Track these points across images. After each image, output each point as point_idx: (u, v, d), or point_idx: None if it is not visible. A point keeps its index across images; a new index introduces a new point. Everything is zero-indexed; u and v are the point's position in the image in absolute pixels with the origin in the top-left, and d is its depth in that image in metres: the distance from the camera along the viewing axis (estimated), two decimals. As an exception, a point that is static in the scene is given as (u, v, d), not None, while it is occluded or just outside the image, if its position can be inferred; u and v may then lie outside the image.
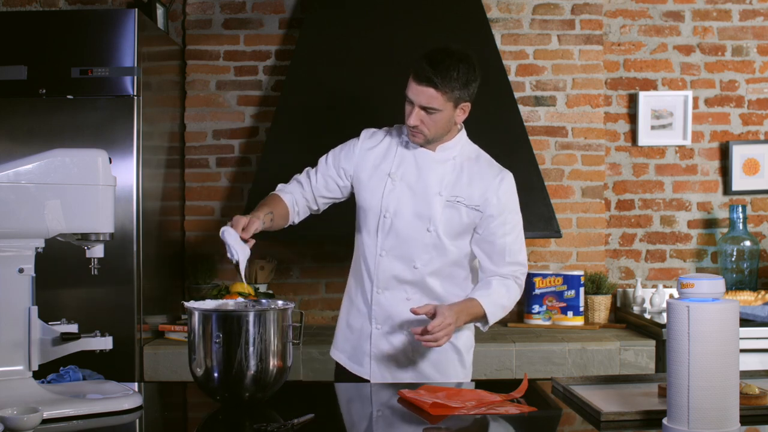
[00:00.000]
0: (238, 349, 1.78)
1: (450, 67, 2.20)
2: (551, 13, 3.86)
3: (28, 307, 1.79)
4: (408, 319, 2.30)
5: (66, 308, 3.01)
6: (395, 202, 2.30)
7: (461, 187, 2.30)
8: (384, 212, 2.31)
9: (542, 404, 1.87)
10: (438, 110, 2.21)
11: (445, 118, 2.25)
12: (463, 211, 2.28)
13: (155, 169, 3.44)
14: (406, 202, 2.30)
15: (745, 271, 3.78)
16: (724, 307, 1.51)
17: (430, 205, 2.28)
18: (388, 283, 2.32)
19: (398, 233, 2.29)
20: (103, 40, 3.15)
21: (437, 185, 2.29)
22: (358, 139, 2.44)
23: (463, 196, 2.28)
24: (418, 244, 2.29)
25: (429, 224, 2.28)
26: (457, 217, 2.28)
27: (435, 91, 2.19)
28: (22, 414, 1.56)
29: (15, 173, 1.74)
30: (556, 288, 3.66)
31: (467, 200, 2.28)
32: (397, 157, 2.35)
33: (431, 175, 2.30)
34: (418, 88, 2.20)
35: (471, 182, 2.30)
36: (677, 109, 3.88)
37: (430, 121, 2.23)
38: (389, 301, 2.32)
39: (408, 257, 2.29)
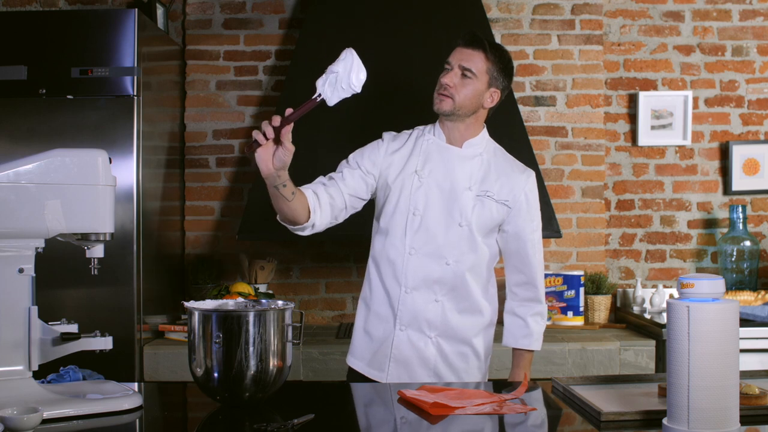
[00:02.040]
0: (237, 349, 1.78)
1: (498, 48, 2.32)
2: (551, 13, 3.86)
3: (28, 307, 1.79)
4: (434, 321, 2.30)
5: (66, 308, 3.02)
6: (423, 198, 2.29)
7: (490, 182, 2.32)
8: (413, 210, 2.29)
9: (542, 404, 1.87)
10: (475, 76, 2.26)
11: (477, 91, 2.28)
12: (493, 206, 2.30)
13: (155, 169, 3.44)
14: (435, 199, 2.29)
15: (745, 271, 3.78)
16: (724, 307, 1.51)
17: (459, 200, 2.28)
18: (417, 283, 2.29)
19: (428, 229, 2.28)
20: (103, 40, 3.15)
21: (467, 180, 2.30)
22: (381, 140, 2.42)
23: (492, 190, 2.30)
24: (450, 240, 2.28)
25: (461, 219, 2.28)
26: (487, 212, 2.30)
27: (482, 54, 2.26)
28: (22, 414, 1.55)
29: (15, 173, 1.74)
30: (556, 288, 3.66)
31: (496, 195, 2.31)
32: (422, 154, 2.34)
33: (459, 170, 2.31)
34: (464, 50, 2.27)
35: (499, 178, 2.33)
36: (677, 109, 3.88)
37: (463, 85, 2.27)
38: (416, 303, 2.30)
39: (439, 254, 2.28)
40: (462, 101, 2.28)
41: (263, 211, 3.52)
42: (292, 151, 2.00)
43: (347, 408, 1.98)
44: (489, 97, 2.32)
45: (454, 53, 2.29)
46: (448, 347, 2.33)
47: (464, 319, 2.34)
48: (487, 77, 2.28)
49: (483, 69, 2.27)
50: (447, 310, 2.32)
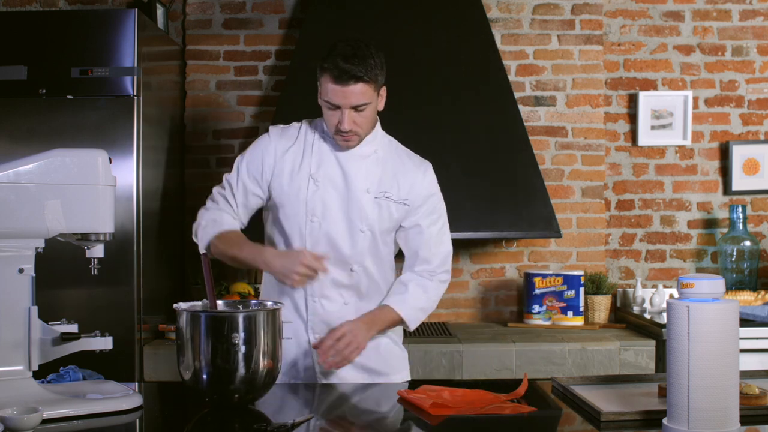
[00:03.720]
0: (226, 351, 1.76)
1: (366, 56, 2.10)
2: (551, 13, 3.86)
3: (28, 307, 1.79)
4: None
5: (66, 308, 3.01)
6: (321, 204, 2.18)
7: (387, 183, 2.22)
8: (311, 216, 2.18)
9: (542, 404, 1.87)
10: (368, 104, 2.12)
11: (374, 110, 2.17)
12: (392, 206, 2.22)
13: (155, 169, 3.44)
14: (334, 203, 2.19)
15: (745, 271, 3.78)
16: (724, 307, 1.51)
17: (359, 203, 2.18)
18: (324, 290, 2.22)
19: (330, 236, 2.19)
20: (103, 40, 3.14)
21: (364, 182, 2.19)
22: (268, 137, 2.26)
23: (391, 191, 2.21)
24: (354, 247, 2.20)
25: (362, 224, 2.19)
26: (387, 213, 2.21)
27: (364, 85, 2.09)
28: (22, 414, 1.55)
29: (15, 173, 1.74)
30: (556, 288, 3.66)
31: (395, 195, 2.22)
32: (315, 155, 2.21)
33: (356, 172, 2.19)
34: (344, 89, 2.08)
35: (396, 176, 2.23)
36: (677, 109, 3.88)
37: (362, 118, 2.14)
38: (327, 309, 2.23)
39: (344, 261, 2.20)
40: (367, 129, 2.19)
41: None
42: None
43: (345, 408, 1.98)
44: (381, 99, 2.20)
45: (333, 91, 2.09)
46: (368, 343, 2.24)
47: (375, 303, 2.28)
48: (375, 92, 2.14)
49: (371, 92, 2.11)
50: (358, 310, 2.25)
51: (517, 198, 3.51)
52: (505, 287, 3.87)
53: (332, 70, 2.08)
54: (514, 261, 3.87)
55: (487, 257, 3.87)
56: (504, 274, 3.87)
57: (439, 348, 3.22)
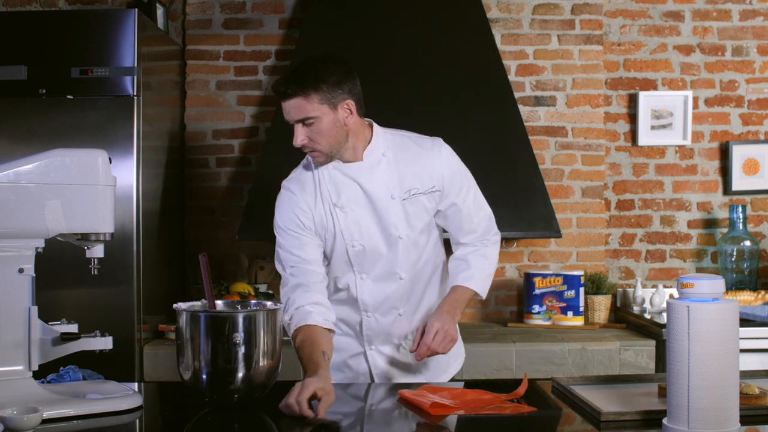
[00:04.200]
0: (226, 351, 1.76)
1: (305, 72, 2.08)
2: (551, 13, 3.86)
3: (28, 307, 1.79)
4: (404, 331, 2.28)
5: (66, 308, 3.01)
6: (356, 227, 2.17)
7: (409, 179, 2.18)
8: (350, 243, 2.18)
9: (542, 404, 1.87)
10: (315, 117, 2.07)
11: (330, 124, 2.09)
12: (424, 199, 2.19)
13: (155, 169, 3.44)
14: (366, 222, 2.18)
15: (745, 271, 3.78)
16: (724, 307, 1.51)
17: (388, 212, 2.17)
18: (377, 306, 2.24)
19: (373, 254, 2.19)
20: (103, 40, 3.15)
21: (386, 190, 2.17)
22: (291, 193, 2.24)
23: (416, 186, 2.18)
24: (396, 255, 2.20)
25: (397, 231, 2.18)
26: (421, 208, 2.20)
27: (300, 99, 2.06)
28: (22, 414, 1.55)
29: (15, 173, 1.74)
30: (556, 288, 3.66)
31: (422, 188, 2.19)
32: (330, 184, 2.19)
33: (373, 182, 2.17)
34: (286, 105, 2.08)
35: (414, 169, 2.19)
36: (677, 109, 3.88)
37: (315, 133, 2.09)
38: (381, 323, 2.26)
39: (390, 272, 2.21)
40: (329, 144, 2.12)
41: (263, 211, 3.52)
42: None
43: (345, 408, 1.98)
44: (345, 113, 2.11)
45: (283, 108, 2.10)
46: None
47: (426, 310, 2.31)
48: (326, 106, 2.07)
49: (313, 105, 2.06)
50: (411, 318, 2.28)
51: (517, 198, 3.51)
52: (505, 287, 3.87)
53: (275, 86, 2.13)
54: (514, 261, 3.87)
55: (487, 257, 3.87)
56: (504, 274, 3.87)
57: (439, 348, 3.22)
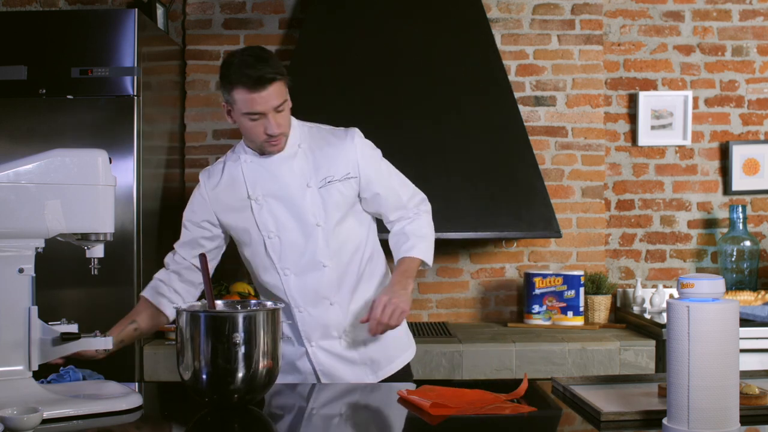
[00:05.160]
0: (226, 351, 1.76)
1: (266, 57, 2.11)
2: (551, 13, 3.86)
3: (28, 307, 1.79)
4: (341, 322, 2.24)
5: (66, 308, 3.01)
6: (271, 218, 2.19)
7: (325, 167, 2.20)
8: (266, 234, 2.20)
9: (542, 404, 1.87)
10: (285, 101, 2.12)
11: (289, 107, 2.16)
12: (340, 186, 2.20)
13: (155, 169, 3.44)
14: (281, 213, 2.19)
15: (745, 271, 3.78)
16: (724, 307, 1.51)
17: (304, 201, 2.18)
18: (306, 299, 2.22)
19: (292, 245, 2.19)
20: (103, 40, 3.15)
21: (301, 179, 2.18)
22: (198, 185, 2.29)
23: (331, 174, 2.19)
24: (316, 243, 2.19)
25: (315, 219, 2.18)
26: (338, 195, 2.20)
27: (279, 84, 2.08)
28: (22, 414, 1.55)
29: (15, 173, 1.74)
30: (556, 288, 3.66)
31: (337, 175, 2.20)
32: (247, 176, 2.21)
33: (289, 173, 2.19)
34: (263, 94, 2.06)
35: (328, 157, 2.21)
36: (677, 109, 3.89)
37: (284, 118, 2.14)
38: (314, 316, 2.23)
39: (312, 261, 2.20)
40: (288, 128, 2.18)
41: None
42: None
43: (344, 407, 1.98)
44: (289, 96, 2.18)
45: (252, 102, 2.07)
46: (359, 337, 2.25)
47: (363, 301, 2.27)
48: (287, 89, 2.14)
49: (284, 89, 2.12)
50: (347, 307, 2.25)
51: (517, 198, 3.51)
52: (505, 287, 3.87)
53: (245, 81, 2.06)
54: (514, 261, 3.87)
55: (487, 257, 3.87)
56: (504, 274, 3.87)
57: (439, 348, 3.22)
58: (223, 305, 1.97)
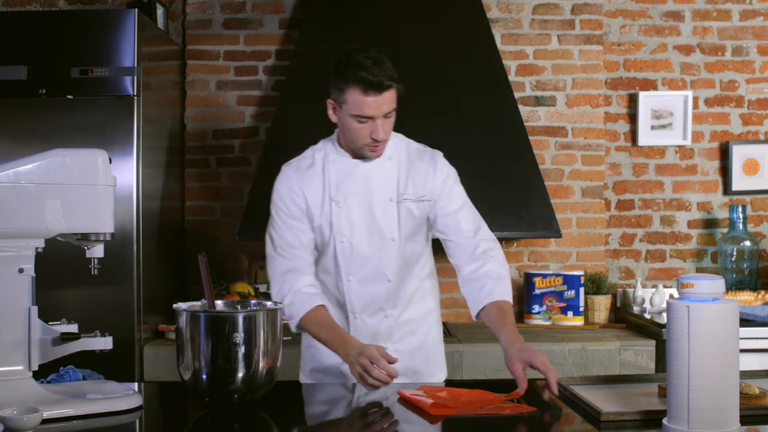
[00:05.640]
0: (226, 351, 1.76)
1: (383, 61, 2.11)
2: (551, 13, 3.86)
3: (28, 307, 1.79)
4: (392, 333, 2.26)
5: (66, 308, 3.01)
6: (347, 223, 2.19)
7: (403, 184, 2.21)
8: (339, 238, 2.19)
9: (542, 404, 1.87)
10: (395, 109, 2.12)
11: (395, 115, 2.15)
12: (412, 206, 2.21)
13: (155, 169, 3.44)
14: (358, 220, 2.19)
15: (745, 271, 3.78)
16: (724, 307, 1.51)
17: (384, 213, 2.19)
18: (364, 307, 2.24)
19: (361, 253, 2.20)
20: (103, 40, 3.14)
21: (385, 191, 2.20)
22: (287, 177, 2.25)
23: (408, 192, 2.21)
24: (385, 258, 2.20)
25: (390, 233, 2.20)
26: (408, 214, 2.21)
27: (392, 92, 2.09)
28: (22, 414, 1.55)
29: (15, 173, 1.74)
30: (556, 288, 3.66)
31: (413, 195, 2.21)
32: (332, 177, 2.21)
33: (376, 183, 2.20)
34: (377, 99, 2.06)
35: (409, 175, 2.22)
36: (677, 109, 3.88)
37: (390, 125, 2.13)
38: (368, 325, 2.26)
39: (378, 273, 2.21)
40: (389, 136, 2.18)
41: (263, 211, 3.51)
42: None
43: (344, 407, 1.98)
44: None
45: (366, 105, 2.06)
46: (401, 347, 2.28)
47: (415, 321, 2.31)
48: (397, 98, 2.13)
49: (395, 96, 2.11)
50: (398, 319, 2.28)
51: (517, 198, 3.51)
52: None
53: (361, 83, 2.05)
54: (514, 261, 3.87)
55: (487, 257, 3.86)
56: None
57: (439, 348, 3.22)
58: (223, 305, 1.97)
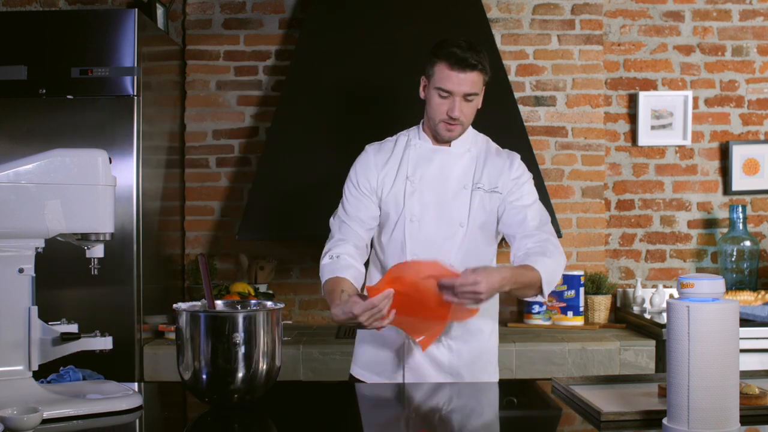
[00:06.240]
0: (226, 351, 1.76)
1: (480, 49, 2.21)
2: (551, 13, 3.86)
3: (28, 307, 1.79)
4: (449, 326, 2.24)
5: (66, 308, 3.01)
6: (419, 204, 2.25)
7: (478, 174, 2.28)
8: (409, 217, 2.24)
9: (542, 404, 1.87)
10: (477, 95, 2.22)
11: (478, 103, 2.25)
12: (485, 197, 2.25)
13: (155, 169, 3.44)
14: (430, 202, 2.25)
15: (745, 271, 3.78)
16: (724, 307, 1.51)
17: (457, 199, 2.24)
18: None
19: (428, 236, 2.23)
20: (103, 40, 3.14)
21: (460, 179, 2.26)
22: (366, 154, 2.35)
23: (482, 182, 2.27)
24: (451, 243, 2.23)
25: (460, 218, 2.24)
26: (480, 204, 2.25)
27: (478, 74, 2.18)
28: (22, 414, 1.55)
29: (15, 173, 1.74)
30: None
31: (486, 186, 2.26)
32: (411, 159, 2.29)
33: (453, 169, 2.27)
34: (461, 76, 2.16)
35: (485, 167, 2.29)
36: (677, 109, 3.88)
37: (469, 108, 2.22)
38: None
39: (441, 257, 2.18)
40: (469, 121, 2.27)
41: (263, 211, 3.52)
42: None
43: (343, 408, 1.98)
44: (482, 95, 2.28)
45: (449, 79, 2.17)
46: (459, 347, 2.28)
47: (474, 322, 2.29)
48: (484, 86, 2.25)
49: (481, 83, 2.22)
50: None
51: (517, 198, 3.50)
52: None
53: (449, 57, 2.16)
54: (514, 261, 3.86)
55: (487, 257, 3.87)
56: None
57: (439, 348, 3.22)
58: (223, 305, 1.97)
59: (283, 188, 3.49)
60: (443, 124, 2.22)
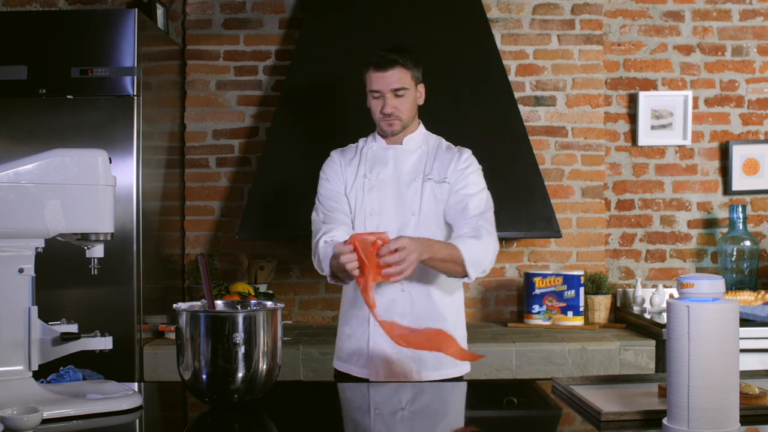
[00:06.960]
0: (226, 351, 1.76)
1: (403, 49, 2.43)
2: (551, 13, 3.86)
3: (28, 307, 1.79)
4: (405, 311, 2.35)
5: (66, 308, 3.01)
6: (377, 198, 2.41)
7: (429, 168, 2.44)
8: (369, 210, 2.41)
9: (542, 404, 1.87)
10: (407, 89, 2.39)
11: (413, 98, 2.43)
12: (435, 187, 2.40)
13: (155, 169, 3.44)
14: (387, 196, 2.41)
15: (745, 271, 3.78)
16: (724, 307, 1.51)
17: (410, 190, 2.40)
18: None
19: (387, 226, 2.37)
20: (103, 40, 3.15)
21: (413, 172, 2.43)
22: (331, 158, 2.53)
23: (432, 174, 2.42)
24: (405, 232, 2.35)
25: (412, 208, 2.39)
26: (431, 194, 2.40)
27: (401, 69, 2.37)
28: (22, 414, 1.55)
29: (15, 173, 1.74)
30: (556, 288, 3.66)
31: (436, 177, 2.42)
32: (368, 158, 2.48)
33: (405, 164, 2.44)
34: (384, 74, 2.36)
35: (435, 162, 2.45)
36: (677, 109, 3.88)
37: (402, 103, 2.39)
38: (384, 296, 2.34)
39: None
40: (408, 115, 2.43)
41: (263, 211, 3.52)
42: None
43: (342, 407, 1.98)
44: (419, 93, 2.47)
45: (375, 80, 2.38)
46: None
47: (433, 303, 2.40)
48: (413, 82, 2.42)
49: (408, 78, 2.40)
50: (415, 298, 2.38)
51: (517, 198, 3.51)
52: (505, 287, 3.87)
53: (372, 62, 2.39)
54: (514, 261, 3.87)
55: (487, 257, 3.86)
56: (504, 274, 3.87)
57: (439, 348, 3.22)
58: (223, 305, 1.97)
59: (283, 188, 3.49)
60: (382, 121, 2.42)
